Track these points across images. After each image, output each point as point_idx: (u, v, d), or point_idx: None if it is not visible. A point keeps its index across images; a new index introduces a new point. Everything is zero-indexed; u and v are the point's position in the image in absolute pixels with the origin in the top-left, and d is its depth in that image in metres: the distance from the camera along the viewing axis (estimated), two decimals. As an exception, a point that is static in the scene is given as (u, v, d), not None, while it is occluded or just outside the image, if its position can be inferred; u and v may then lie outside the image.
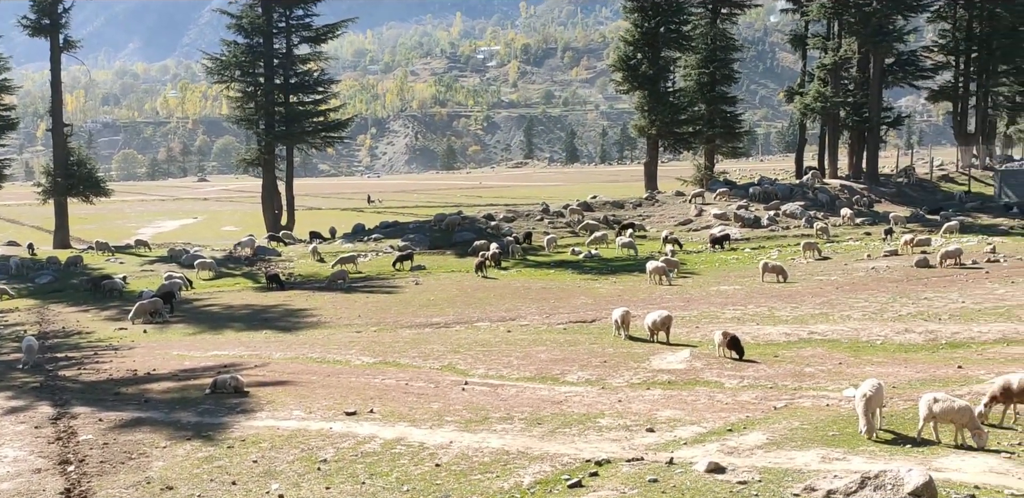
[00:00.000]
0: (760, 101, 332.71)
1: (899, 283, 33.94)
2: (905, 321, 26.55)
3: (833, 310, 28.93)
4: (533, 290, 36.51)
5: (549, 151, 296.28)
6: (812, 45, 69.88)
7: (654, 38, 64.65)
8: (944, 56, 71.74)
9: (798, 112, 70.21)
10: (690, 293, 34.27)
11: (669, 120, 65.25)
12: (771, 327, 26.44)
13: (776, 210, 55.18)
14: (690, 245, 48.04)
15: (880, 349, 23.22)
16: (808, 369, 21.16)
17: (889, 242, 45.14)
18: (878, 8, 60.31)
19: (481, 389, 20.46)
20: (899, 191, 61.94)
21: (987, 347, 22.69)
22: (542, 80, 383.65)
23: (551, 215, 57.32)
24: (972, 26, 68.63)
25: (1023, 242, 44.22)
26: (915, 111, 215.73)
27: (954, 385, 18.45)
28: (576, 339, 26.24)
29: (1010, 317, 26.38)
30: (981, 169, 68.75)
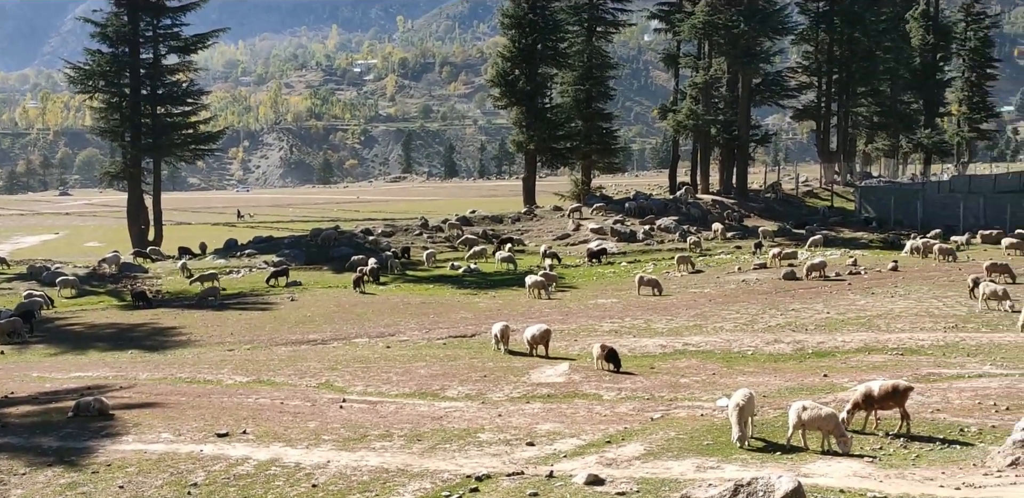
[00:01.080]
0: (635, 118, 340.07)
1: (768, 295, 35.03)
2: (774, 332, 27.39)
3: (706, 322, 29.62)
4: (412, 305, 36.21)
5: (428, 165, 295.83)
6: (684, 64, 71.95)
7: (531, 54, 65.39)
8: (808, 77, 74.81)
9: (671, 129, 72.07)
10: (569, 307, 34.57)
11: (547, 136, 66.00)
12: (648, 339, 26.88)
13: (651, 224, 56.35)
14: (568, 259, 48.55)
15: (751, 359, 23.86)
16: (683, 380, 21.56)
17: (758, 255, 46.58)
18: (746, 30, 62.49)
19: (360, 406, 20.10)
20: (767, 206, 64.15)
21: (850, 356, 23.58)
22: (420, 94, 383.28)
23: (430, 230, 57.12)
24: (833, 49, 71.80)
25: (882, 255, 46.31)
26: (781, 129, 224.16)
27: (820, 393, 19.07)
28: (456, 354, 26.10)
29: (871, 327, 27.53)
30: (843, 185, 71.88)
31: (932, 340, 24.79)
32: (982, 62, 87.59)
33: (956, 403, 17.61)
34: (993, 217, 53.66)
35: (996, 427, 15.77)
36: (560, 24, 67.47)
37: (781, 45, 77.78)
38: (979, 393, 18.26)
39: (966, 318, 28.11)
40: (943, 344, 24.22)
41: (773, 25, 65.80)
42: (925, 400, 17.62)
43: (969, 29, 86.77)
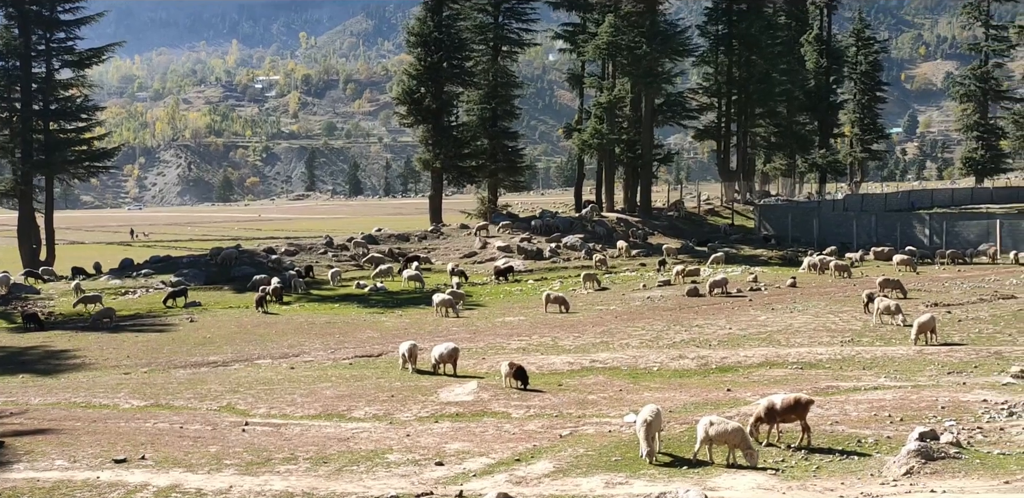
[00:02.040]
0: (540, 137, 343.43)
1: (673, 311, 35.56)
2: (679, 348, 27.79)
3: (613, 339, 29.88)
4: (317, 325, 35.64)
5: (332, 183, 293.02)
6: (589, 84, 72.93)
7: (437, 73, 65.45)
8: (708, 98, 76.55)
9: (576, 148, 72.84)
10: (477, 325, 34.49)
11: (453, 154, 66.05)
12: (555, 356, 26.97)
13: (557, 242, 56.77)
14: (476, 277, 48.50)
15: (657, 375, 24.13)
16: (591, 397, 21.67)
17: (663, 272, 47.29)
18: (648, 51, 63.70)
19: (263, 429, 19.62)
20: (671, 224, 65.29)
21: (752, 370, 24.05)
22: (324, 111, 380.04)
23: (335, 248, 56.42)
24: (732, 71, 73.67)
25: (780, 271, 47.52)
26: (683, 148, 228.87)
27: (725, 408, 19.39)
28: (363, 374, 25.75)
29: (771, 342, 28.17)
30: (743, 203, 73.64)
31: (830, 354, 25.47)
32: (872, 85, 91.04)
33: (854, 415, 18.10)
34: (884, 234, 55.62)
35: (891, 438, 16.25)
36: (466, 43, 67.77)
37: (682, 66, 79.49)
38: (875, 405, 18.81)
39: (861, 332, 29.00)
40: (840, 358, 24.91)
41: (674, 47, 67.24)
42: (824, 413, 18.06)
43: (860, 53, 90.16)
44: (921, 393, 19.65)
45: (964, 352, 24.91)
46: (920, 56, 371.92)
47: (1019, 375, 21.21)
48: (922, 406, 18.39)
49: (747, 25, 71.09)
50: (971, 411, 17.63)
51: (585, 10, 71.91)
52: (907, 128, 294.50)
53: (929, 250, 51.39)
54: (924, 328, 26.17)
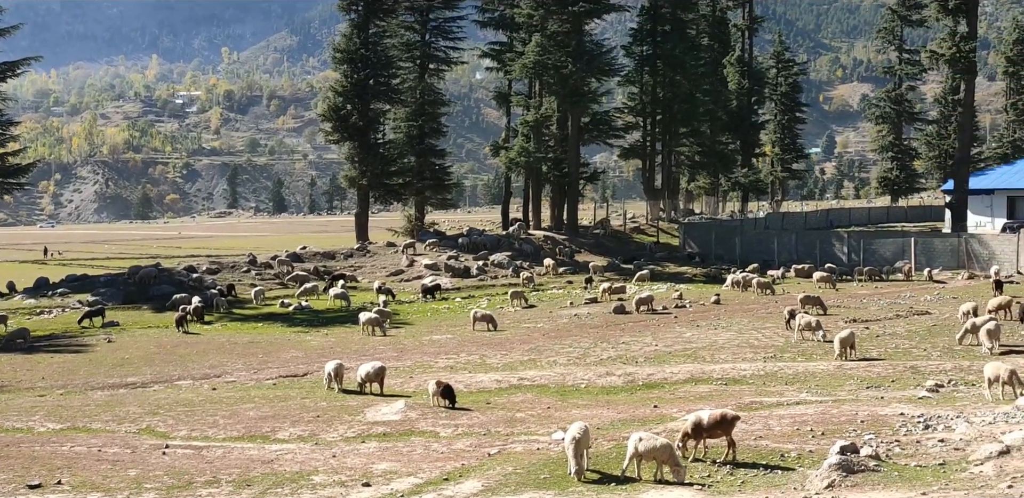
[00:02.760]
0: (467, 154, 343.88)
1: (600, 329, 35.78)
2: (606, 365, 27.94)
3: (541, 356, 29.92)
4: (240, 345, 34.98)
5: (255, 201, 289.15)
6: (515, 103, 73.36)
7: (364, 90, 65.17)
8: (633, 117, 77.48)
9: (503, 166, 73.15)
10: (404, 343, 34.24)
11: (379, 171, 65.73)
12: (483, 375, 26.88)
13: (485, 260, 56.77)
14: (403, 295, 48.20)
15: (585, 392, 24.21)
16: (519, 414, 21.63)
17: (589, 290, 47.59)
18: (574, 71, 64.35)
19: (184, 452, 19.13)
20: (597, 242, 65.81)
21: (678, 387, 24.29)
22: (247, 128, 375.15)
23: (258, 266, 55.55)
24: (656, 91, 74.81)
25: (705, 289, 48.19)
26: (609, 167, 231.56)
27: (652, 424, 19.52)
28: (287, 394, 25.32)
29: (696, 358, 28.50)
30: (668, 222, 74.62)
31: (753, 370, 25.86)
32: (792, 106, 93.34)
33: (777, 430, 18.36)
34: (805, 252, 56.80)
35: (813, 451, 16.52)
36: (392, 60, 67.67)
37: (608, 86, 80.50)
38: (797, 420, 19.11)
39: (783, 348, 29.53)
40: (763, 373, 25.31)
41: (600, 67, 68.04)
42: (748, 428, 18.29)
43: (780, 75, 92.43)
44: (841, 407, 20.03)
45: (882, 367, 25.52)
46: (838, 78, 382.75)
47: (934, 389, 21.81)
48: (842, 420, 18.75)
49: (671, 46, 72.33)
50: (889, 424, 18.02)
51: (512, 29, 72.41)
52: (825, 148, 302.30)
53: (847, 267, 52.64)
54: (844, 343, 26.77)
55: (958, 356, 26.95)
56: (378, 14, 66.47)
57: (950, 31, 62.70)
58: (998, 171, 70.63)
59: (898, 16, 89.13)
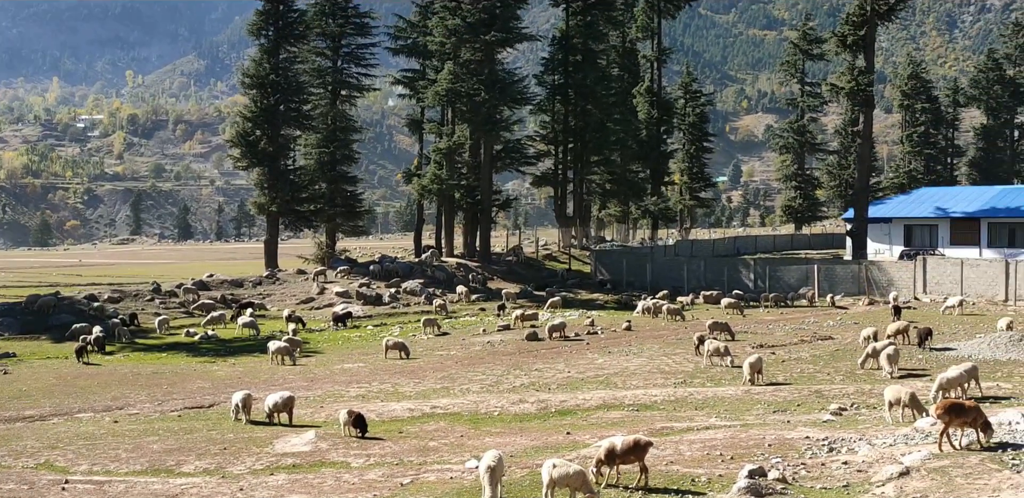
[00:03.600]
0: (379, 181, 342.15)
1: (513, 356, 35.79)
2: (519, 392, 27.92)
3: (454, 384, 29.77)
4: (143, 376, 33.95)
5: (160, 227, 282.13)
6: (428, 130, 73.43)
7: (274, 115, 64.49)
8: (545, 145, 78.17)
9: (416, 193, 72.94)
10: (314, 372, 33.69)
11: (290, 198, 64.94)
12: (396, 403, 26.60)
13: (397, 287, 56.38)
14: (313, 323, 47.48)
15: (498, 420, 24.13)
16: (432, 443, 21.43)
17: (502, 317, 47.61)
18: (487, 99, 64.80)
19: (85, 487, 18.42)
20: (510, 269, 65.99)
21: (591, 413, 24.40)
22: (152, 153, 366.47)
23: (163, 295, 54.13)
24: (568, 120, 75.71)
25: (616, 315, 48.64)
26: (521, 194, 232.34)
27: (565, 451, 19.54)
28: (193, 426, 24.62)
29: (609, 384, 28.71)
30: (579, 249, 75.26)
31: (664, 395, 26.15)
32: (699, 136, 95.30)
33: (687, 455, 18.55)
34: (713, 279, 57.90)
35: (723, 476, 16.72)
36: (304, 86, 67.17)
37: (521, 114, 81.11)
38: (707, 444, 19.35)
39: (693, 374, 29.96)
40: (674, 399, 25.60)
41: (513, 95, 68.66)
42: (660, 453, 18.44)
43: (688, 105, 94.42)
44: (750, 432, 20.36)
45: (788, 391, 26.07)
46: (743, 109, 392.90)
47: (838, 412, 22.35)
48: (751, 444, 19.04)
49: (583, 76, 73.42)
50: (795, 448, 18.37)
51: (425, 57, 72.66)
52: (732, 177, 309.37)
53: (754, 293, 53.81)
54: (753, 369, 27.29)
55: (860, 380, 27.71)
56: (289, 39, 66.00)
57: (849, 65, 65.08)
58: (895, 200, 73.28)
59: (800, 50, 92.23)
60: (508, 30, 67.28)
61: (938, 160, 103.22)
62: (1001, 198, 65.45)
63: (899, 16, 65.66)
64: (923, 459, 15.96)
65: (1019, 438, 17.13)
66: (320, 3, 70.53)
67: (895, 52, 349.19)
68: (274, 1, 65.18)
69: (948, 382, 22.67)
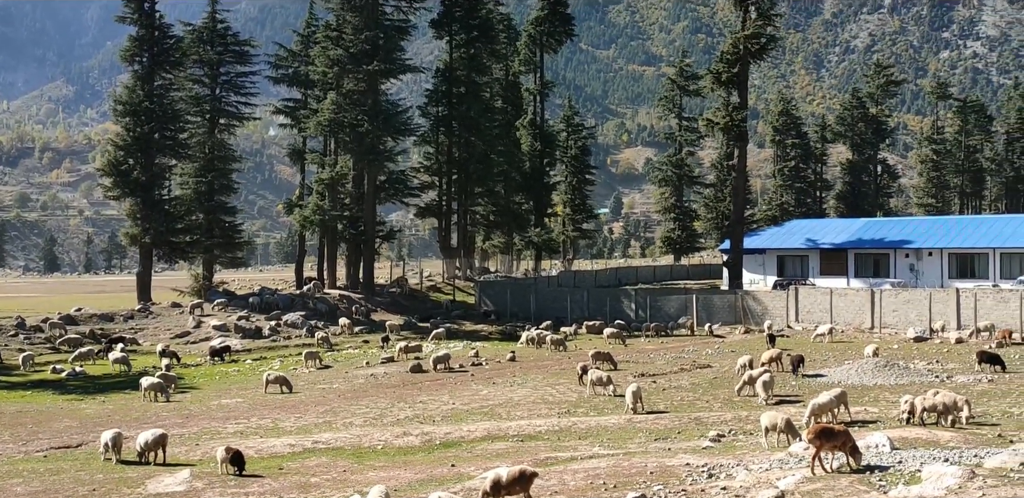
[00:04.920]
0: (259, 212, 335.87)
1: (397, 388, 35.38)
2: (403, 425, 27.58)
3: (336, 418, 29.21)
4: (7, 415, 32.19)
5: (24, 259, 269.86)
6: (310, 160, 72.59)
7: (148, 144, 62.76)
8: (430, 177, 78.17)
9: (297, 224, 71.86)
10: (190, 409, 32.56)
11: (164, 229, 63.10)
12: (275, 439, 25.90)
13: (277, 320, 55.20)
14: (189, 358, 46.00)
15: (382, 453, 23.76)
16: (314, 479, 20.91)
17: (386, 349, 47.10)
18: (370, 129, 64.48)
19: (-65, 537, 17.25)
20: (394, 300, 65.43)
21: (475, 445, 24.26)
22: (16, 182, 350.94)
23: (28, 330, 51.63)
24: (452, 151, 75.98)
25: (501, 346, 48.72)
26: (405, 226, 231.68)
27: (449, 483, 19.34)
28: (60, 467, 23.40)
29: (493, 415, 28.64)
30: (464, 280, 75.22)
31: (548, 425, 26.21)
32: (581, 168, 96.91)
33: (572, 484, 18.59)
34: (596, 309, 58.59)
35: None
36: (180, 114, 65.69)
37: (404, 145, 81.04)
38: (591, 473, 19.44)
39: (577, 403, 30.16)
40: (558, 429, 25.70)
41: (396, 126, 68.51)
42: (545, 483, 18.43)
43: (570, 138, 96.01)
44: (632, 460, 20.56)
45: (668, 419, 26.49)
46: (624, 142, 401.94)
47: (716, 439, 22.81)
48: (633, 472, 19.22)
49: (466, 108, 73.90)
50: (676, 475, 18.63)
51: (306, 86, 72.01)
52: (613, 209, 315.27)
53: (636, 323, 54.69)
54: (635, 397, 27.63)
55: (737, 407, 28.37)
56: (164, 66, 64.58)
57: (723, 101, 67.47)
58: (769, 232, 75.93)
59: (677, 86, 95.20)
60: (391, 61, 67.31)
61: (808, 193, 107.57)
62: (866, 230, 68.57)
63: (770, 55, 68.46)
64: (797, 482, 16.39)
65: (885, 460, 17.79)
66: (198, 30, 69.46)
67: (767, 89, 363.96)
68: (148, 27, 63.77)
69: (819, 408, 23.41)
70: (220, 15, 70.55)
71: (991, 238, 61.01)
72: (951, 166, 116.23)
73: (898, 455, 18.25)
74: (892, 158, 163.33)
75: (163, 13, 65.72)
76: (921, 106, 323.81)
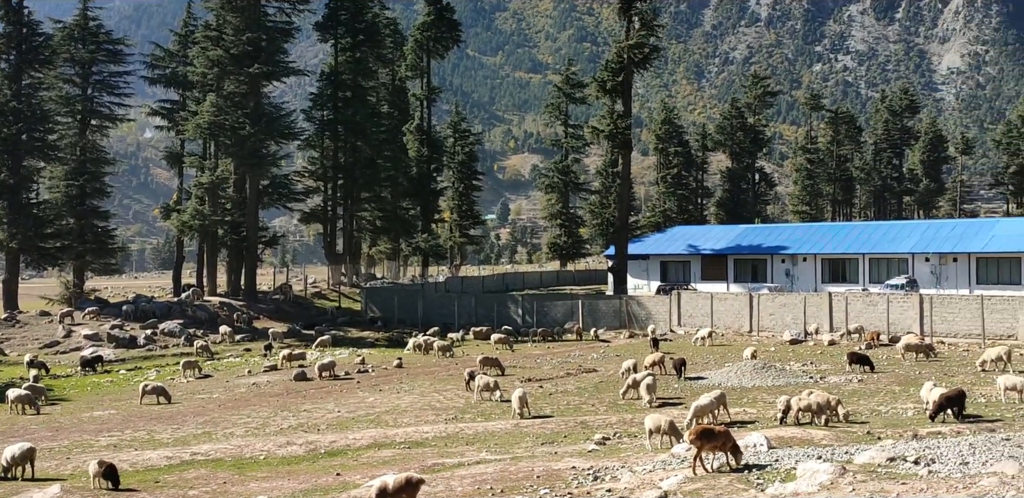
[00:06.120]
0: (134, 216, 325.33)
1: (280, 397, 34.64)
2: (287, 434, 27.00)
3: (216, 428, 28.39)
4: None
5: None
6: (189, 164, 70.59)
7: (15, 145, 60.02)
8: (314, 181, 77.04)
9: (176, 229, 69.83)
10: (60, 421, 31.15)
11: (32, 234, 60.41)
12: (152, 451, 24.98)
13: (154, 329, 53.45)
14: (59, 369, 44.07)
15: (264, 464, 23.17)
16: (192, 492, 20.24)
17: (269, 357, 46.15)
18: (252, 132, 63.12)
19: None
20: (277, 307, 64.14)
21: (362, 453, 23.90)
22: None
23: None
24: (338, 156, 75.04)
25: (388, 353, 48.27)
26: (289, 231, 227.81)
27: (335, 492, 18.99)
28: (-87, 487, 22.04)
29: (379, 423, 28.29)
30: (349, 286, 74.31)
31: (436, 432, 26.05)
32: (469, 174, 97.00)
33: (459, 490, 18.49)
34: (483, 315, 58.66)
35: (495, 510, 16.78)
36: (49, 114, 63.09)
37: (288, 149, 79.66)
38: (478, 479, 19.38)
39: (464, 409, 30.07)
40: (445, 435, 25.55)
41: (280, 129, 67.25)
42: (431, 490, 18.28)
43: (457, 144, 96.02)
44: (519, 464, 20.58)
45: (555, 423, 26.64)
46: (511, 149, 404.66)
47: (602, 442, 23.05)
48: (520, 477, 19.24)
49: (352, 112, 73.12)
50: (562, 478, 18.72)
51: (185, 87, 70.08)
52: (501, 215, 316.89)
53: (523, 328, 54.98)
54: (522, 402, 27.69)
55: (622, 410, 28.75)
56: (33, 65, 62.02)
57: (608, 110, 68.58)
58: (652, 238, 77.46)
59: (563, 93, 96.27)
60: (274, 63, 66.11)
61: (690, 200, 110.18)
62: (745, 236, 70.63)
63: (653, 65, 69.84)
64: (679, 483, 16.66)
65: (763, 459, 18.26)
66: (68, 27, 66.84)
67: (650, 98, 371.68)
68: (16, 23, 61.10)
69: (700, 409, 23.92)
70: (92, 12, 68.14)
71: (861, 244, 63.62)
72: (824, 175, 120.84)
73: (775, 454, 18.76)
74: (769, 167, 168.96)
75: (32, 9, 63.15)
76: (796, 116, 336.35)
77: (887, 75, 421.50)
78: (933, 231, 63.17)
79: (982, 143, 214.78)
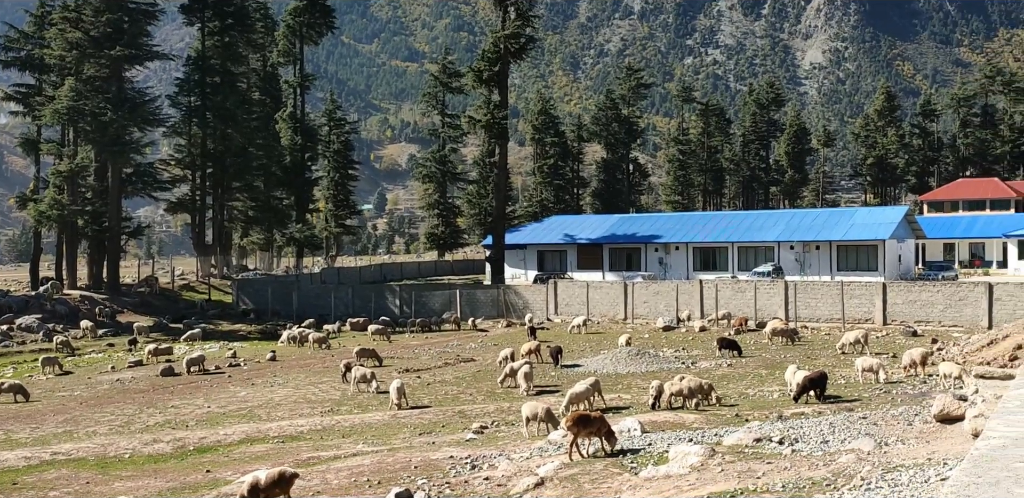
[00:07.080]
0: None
1: (146, 393, 33.48)
2: (153, 431, 26.10)
3: (78, 427, 27.23)
4: None
5: None
6: (46, 151, 67.28)
7: None
8: (182, 170, 74.61)
9: (32, 220, 66.48)
10: (-96, 424, 29.30)
11: None
12: (8, 452, 23.77)
13: (10, 324, 50.91)
14: (-96, 368, 41.46)
15: (129, 463, 22.33)
16: (53, 493, 19.35)
17: (134, 352, 44.58)
18: (114, 118, 60.63)
19: None
20: (143, 301, 61.95)
21: (233, 448, 23.29)
22: None
23: None
24: (206, 144, 72.80)
25: (260, 346, 47.23)
26: (154, 221, 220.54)
27: (205, 490, 18.45)
28: None
29: (252, 417, 27.63)
30: (220, 278, 72.36)
31: (311, 425, 25.60)
32: (344, 163, 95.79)
33: (335, 483, 18.20)
34: (360, 306, 58.05)
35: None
36: None
37: (153, 137, 76.84)
38: (354, 471, 19.12)
39: (340, 401, 29.65)
40: (321, 428, 25.14)
41: (144, 115, 64.79)
42: (307, 484, 17.94)
43: (332, 133, 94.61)
44: (396, 455, 20.41)
45: (433, 413, 26.54)
46: (387, 138, 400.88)
47: (479, 431, 23.07)
48: (397, 468, 19.08)
49: (222, 98, 71.06)
50: (440, 468, 18.65)
51: (41, 71, 66.71)
52: (377, 205, 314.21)
53: (401, 319, 54.64)
54: (400, 393, 27.48)
55: (500, 398, 28.86)
56: None
57: (485, 100, 68.57)
58: (529, 228, 78.03)
59: (440, 83, 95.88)
60: (137, 46, 63.63)
61: (566, 190, 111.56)
62: (620, 226, 71.89)
63: (529, 55, 70.28)
64: (556, 469, 16.79)
65: (637, 443, 18.59)
66: (-87, 5, 62.66)
67: (527, 89, 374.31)
68: None
69: (576, 396, 24.19)
70: (-60, -10, 64.08)
71: (730, 233, 65.59)
72: (695, 165, 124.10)
73: (648, 438, 19.13)
74: (643, 157, 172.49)
75: None
76: (668, 108, 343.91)
77: (754, 69, 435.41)
78: (797, 220, 65.62)
79: (842, 136, 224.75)
